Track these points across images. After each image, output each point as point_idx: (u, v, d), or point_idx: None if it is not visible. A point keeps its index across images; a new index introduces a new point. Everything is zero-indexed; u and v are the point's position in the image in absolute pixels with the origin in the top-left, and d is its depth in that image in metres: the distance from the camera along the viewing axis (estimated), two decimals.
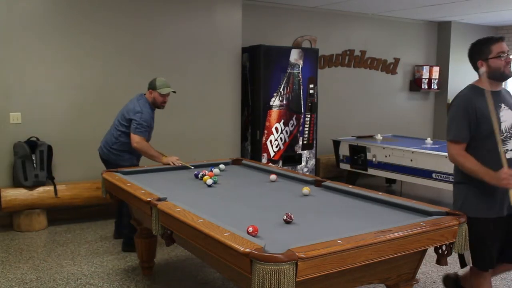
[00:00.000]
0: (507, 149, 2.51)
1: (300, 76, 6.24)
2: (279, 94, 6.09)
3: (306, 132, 6.41)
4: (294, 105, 6.24)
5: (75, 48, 5.15)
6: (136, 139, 4.03)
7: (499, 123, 2.49)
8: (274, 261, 1.80)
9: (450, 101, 2.65)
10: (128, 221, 4.23)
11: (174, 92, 4.30)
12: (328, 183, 3.30)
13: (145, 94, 4.24)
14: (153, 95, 4.17)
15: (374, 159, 6.14)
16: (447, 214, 2.50)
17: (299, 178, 3.52)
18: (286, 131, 6.22)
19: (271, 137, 6.12)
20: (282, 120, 6.16)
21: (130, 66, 5.42)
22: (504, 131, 2.53)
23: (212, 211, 2.57)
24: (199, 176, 3.60)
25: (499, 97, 2.59)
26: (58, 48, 5.07)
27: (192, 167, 3.98)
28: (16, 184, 4.88)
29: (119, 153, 4.21)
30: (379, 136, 6.91)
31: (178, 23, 5.70)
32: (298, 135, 6.34)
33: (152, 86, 4.17)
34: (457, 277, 3.10)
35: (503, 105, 2.57)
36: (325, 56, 7.26)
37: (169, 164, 3.99)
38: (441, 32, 8.52)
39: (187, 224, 2.35)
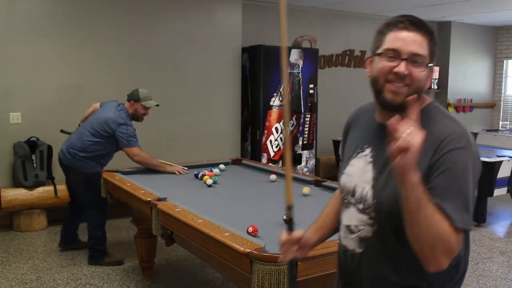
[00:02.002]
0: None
1: (300, 76, 6.24)
2: (279, 94, 6.09)
3: (306, 132, 6.41)
4: (294, 105, 6.23)
5: (75, 48, 5.14)
6: (134, 152, 3.78)
7: (340, 175, 1.50)
8: (274, 261, 1.80)
9: None
10: (92, 230, 3.93)
11: (157, 105, 4.04)
12: (328, 183, 3.30)
13: (123, 104, 3.95)
14: (135, 107, 3.89)
15: None
16: None
17: (299, 178, 3.52)
18: None
19: (271, 137, 6.11)
20: (282, 120, 6.15)
21: (130, 66, 5.41)
22: (343, 191, 1.47)
23: (212, 211, 2.57)
24: (199, 176, 3.60)
25: (374, 133, 1.43)
26: (58, 48, 5.07)
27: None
28: (16, 184, 4.88)
29: (85, 160, 3.86)
30: None
31: (178, 23, 5.70)
32: (298, 135, 6.34)
33: (135, 98, 3.89)
34: None
35: (368, 151, 1.41)
36: (325, 56, 7.26)
37: (174, 173, 3.82)
38: (441, 32, 8.50)
39: (187, 224, 2.35)
